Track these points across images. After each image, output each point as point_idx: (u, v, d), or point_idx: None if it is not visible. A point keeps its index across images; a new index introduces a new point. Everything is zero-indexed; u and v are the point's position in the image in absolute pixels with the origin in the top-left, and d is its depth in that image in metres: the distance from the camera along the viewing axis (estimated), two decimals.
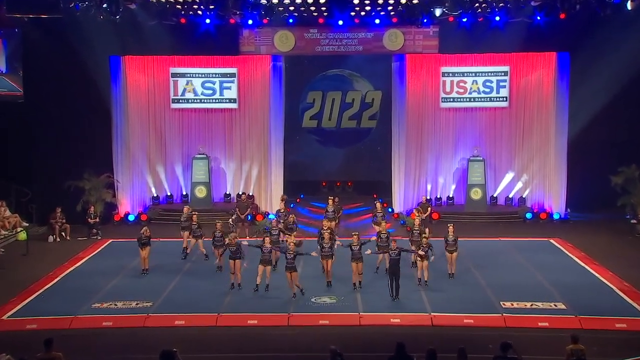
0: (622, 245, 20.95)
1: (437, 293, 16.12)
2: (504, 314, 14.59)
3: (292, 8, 23.04)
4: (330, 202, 20.75)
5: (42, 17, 23.07)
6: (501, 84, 25.52)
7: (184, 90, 26.02)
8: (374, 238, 17.72)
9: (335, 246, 17.06)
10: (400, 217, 24.72)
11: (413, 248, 17.15)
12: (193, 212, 19.57)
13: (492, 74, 25.57)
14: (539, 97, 25.39)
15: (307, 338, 13.69)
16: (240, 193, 25.81)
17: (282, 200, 22.20)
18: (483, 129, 26.07)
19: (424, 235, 17.13)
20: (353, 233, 16.99)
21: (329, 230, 17.22)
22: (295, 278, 15.83)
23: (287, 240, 17.17)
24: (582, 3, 21.42)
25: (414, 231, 18.04)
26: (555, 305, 15.12)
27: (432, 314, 14.64)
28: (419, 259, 16.67)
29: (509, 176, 25.99)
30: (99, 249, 21.12)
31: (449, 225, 17.89)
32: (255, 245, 16.17)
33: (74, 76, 23.97)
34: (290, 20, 24.21)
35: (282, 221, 19.31)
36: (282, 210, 20.70)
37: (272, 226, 18.31)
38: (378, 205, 19.93)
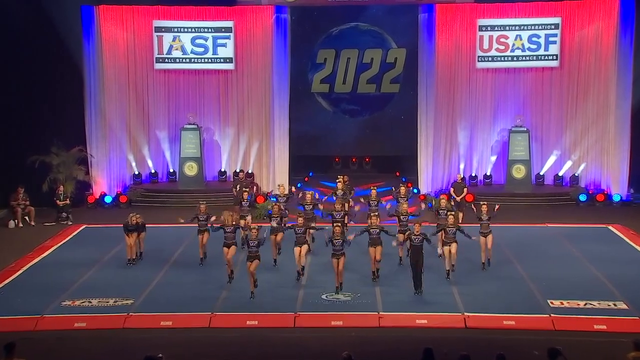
0: None
1: (472, 289, 16.05)
2: (552, 315, 14.50)
3: None
4: (340, 184, 20.53)
5: None
6: (550, 39, 25.23)
7: (170, 47, 25.91)
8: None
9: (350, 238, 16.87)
10: (428, 200, 24.59)
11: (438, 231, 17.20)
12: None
13: (540, 27, 25.29)
14: (596, 55, 25.09)
15: (316, 342, 13.65)
16: (238, 170, 25.78)
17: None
18: (528, 94, 25.88)
19: (450, 213, 17.08)
20: (372, 213, 16.97)
21: (339, 224, 17.03)
22: (304, 252, 16.38)
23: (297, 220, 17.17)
24: None
25: (440, 211, 18.01)
26: (615, 305, 15.00)
27: (465, 314, 14.58)
28: (445, 246, 16.64)
29: (558, 150, 25.78)
30: (70, 236, 21.15)
31: (482, 203, 17.89)
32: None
33: (39, 30, 23.90)
34: None
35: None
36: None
37: (274, 211, 18.23)
38: (402, 189, 19.72)
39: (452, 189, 21.97)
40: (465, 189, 21.94)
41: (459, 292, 15.79)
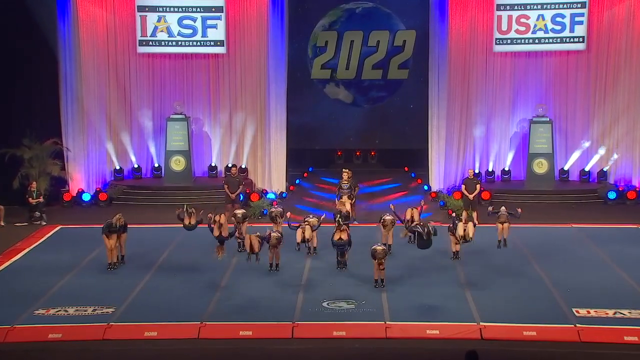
0: None
1: (489, 296, 16.04)
2: (577, 325, 14.47)
3: None
4: (345, 174, 20.65)
5: None
6: (577, 19, 25.24)
7: (155, 29, 25.92)
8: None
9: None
10: (440, 197, 24.61)
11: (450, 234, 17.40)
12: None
13: (565, 6, 25.30)
14: (628, 37, 25.11)
15: (317, 354, 13.65)
16: (230, 165, 25.75)
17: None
18: (551, 81, 25.92)
19: (468, 210, 17.23)
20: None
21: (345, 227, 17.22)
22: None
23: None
24: None
25: (457, 213, 18.15)
26: None
27: (481, 323, 14.56)
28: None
29: (585, 143, 25.80)
30: (44, 238, 21.11)
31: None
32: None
33: (7, 8, 23.83)
34: None
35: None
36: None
37: (272, 210, 18.26)
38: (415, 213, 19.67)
39: (463, 186, 21.97)
40: (478, 186, 21.93)
41: (475, 299, 15.77)
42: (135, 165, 26.56)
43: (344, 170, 21.18)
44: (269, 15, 25.53)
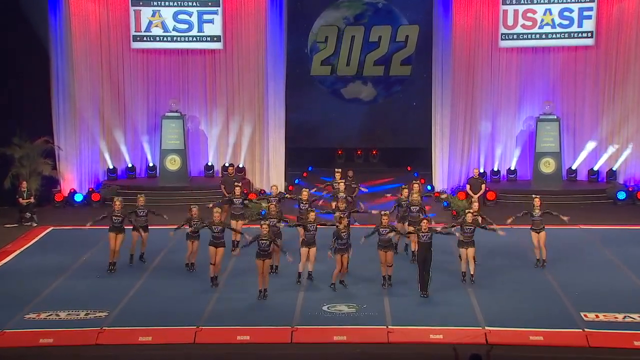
0: None
1: (494, 299, 16.07)
2: (585, 330, 14.49)
3: None
4: (338, 175, 20.65)
5: None
6: (585, 13, 25.24)
7: (150, 23, 25.92)
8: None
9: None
10: (443, 197, 24.59)
11: (457, 235, 17.32)
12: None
13: (573, 0, 25.20)
14: (638, 32, 25.12)
15: (316, 359, 13.67)
16: (227, 165, 25.77)
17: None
18: (558, 77, 25.92)
19: (469, 211, 17.22)
20: (383, 213, 17.07)
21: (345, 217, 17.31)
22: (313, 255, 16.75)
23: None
24: None
25: (460, 214, 18.12)
26: None
27: (486, 328, 14.58)
28: (462, 247, 16.82)
29: (593, 142, 25.78)
30: (35, 240, 21.12)
31: (534, 197, 18.09)
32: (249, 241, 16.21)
33: None
34: None
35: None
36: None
37: (271, 211, 18.23)
38: (416, 186, 19.68)
39: (468, 186, 21.96)
40: (483, 186, 21.90)
41: (479, 303, 15.78)
42: (129, 165, 26.55)
43: (336, 170, 21.02)
44: (267, 10, 25.55)
